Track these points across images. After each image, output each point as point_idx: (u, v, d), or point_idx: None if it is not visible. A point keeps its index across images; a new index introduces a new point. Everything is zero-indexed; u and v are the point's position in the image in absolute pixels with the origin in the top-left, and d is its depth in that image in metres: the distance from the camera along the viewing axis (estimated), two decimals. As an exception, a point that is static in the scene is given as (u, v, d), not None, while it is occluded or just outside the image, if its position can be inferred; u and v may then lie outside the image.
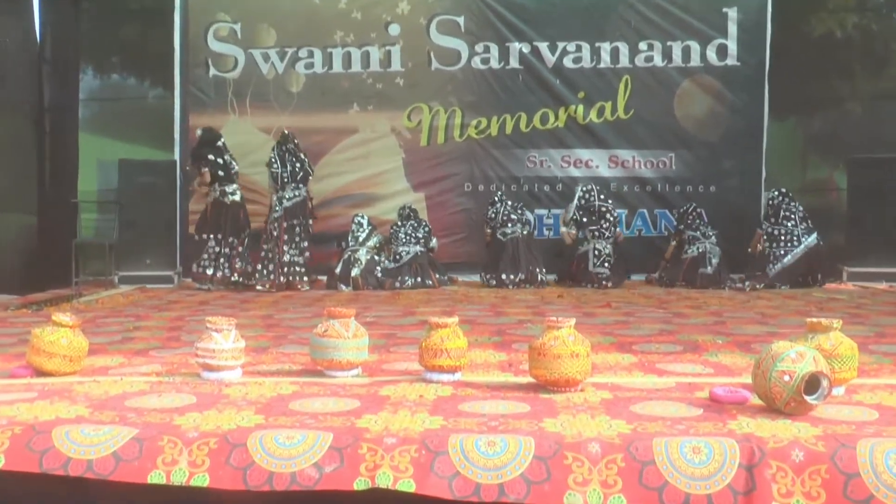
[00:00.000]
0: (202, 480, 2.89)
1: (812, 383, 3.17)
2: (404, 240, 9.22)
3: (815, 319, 3.75)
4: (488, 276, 9.22)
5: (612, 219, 9.39)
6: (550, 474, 2.81)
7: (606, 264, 9.12)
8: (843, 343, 3.62)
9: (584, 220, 9.38)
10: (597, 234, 9.25)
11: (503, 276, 9.04)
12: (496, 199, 9.66)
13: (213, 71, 10.73)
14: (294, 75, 10.70)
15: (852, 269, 9.45)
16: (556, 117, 10.46)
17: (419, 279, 9.04)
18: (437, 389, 3.71)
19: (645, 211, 10.40)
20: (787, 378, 3.16)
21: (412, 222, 9.49)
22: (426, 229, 9.50)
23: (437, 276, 9.26)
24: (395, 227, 9.45)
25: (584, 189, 9.53)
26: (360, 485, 2.82)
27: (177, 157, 10.43)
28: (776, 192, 9.12)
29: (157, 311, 7.29)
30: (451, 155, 10.40)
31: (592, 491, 2.78)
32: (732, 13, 10.34)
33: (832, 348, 3.56)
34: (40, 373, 4.16)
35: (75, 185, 10.71)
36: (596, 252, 9.15)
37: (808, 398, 3.16)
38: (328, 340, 4.04)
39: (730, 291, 8.58)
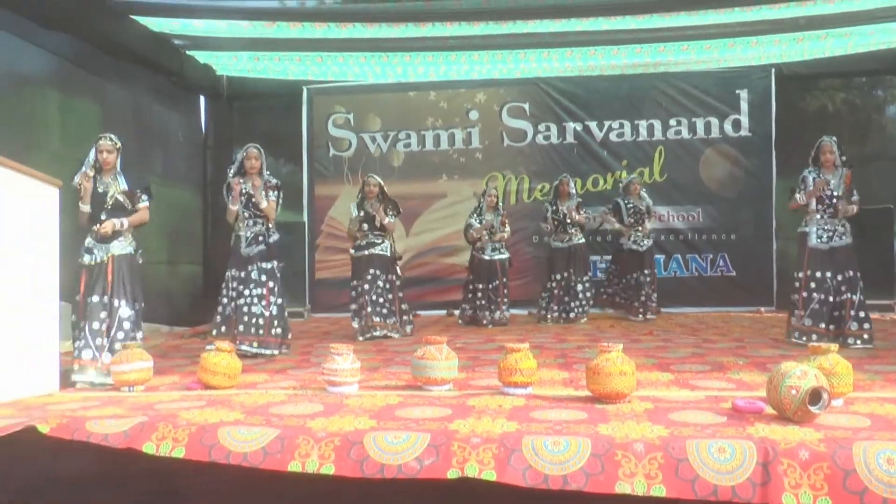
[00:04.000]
0: (329, 469, 2.97)
1: (815, 396, 3.14)
2: None
3: (816, 344, 3.71)
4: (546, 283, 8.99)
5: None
6: (604, 468, 2.83)
7: None
8: (839, 363, 3.58)
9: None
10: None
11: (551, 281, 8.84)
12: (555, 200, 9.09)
13: (332, 151, 10.98)
14: (395, 153, 10.89)
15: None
16: (605, 181, 10.44)
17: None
18: (513, 401, 3.74)
19: (679, 255, 10.28)
20: (794, 392, 3.14)
21: None
22: None
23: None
24: None
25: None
26: (452, 474, 2.87)
27: (305, 218, 10.67)
28: None
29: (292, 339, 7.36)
30: (521, 213, 10.42)
31: (638, 482, 2.79)
32: (744, 94, 10.28)
33: (830, 367, 3.52)
34: (207, 386, 4.33)
35: (229, 241, 10.98)
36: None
37: (811, 408, 3.12)
38: (426, 362, 4.11)
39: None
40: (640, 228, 8.94)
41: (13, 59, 7.07)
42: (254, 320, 6.02)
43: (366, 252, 7.42)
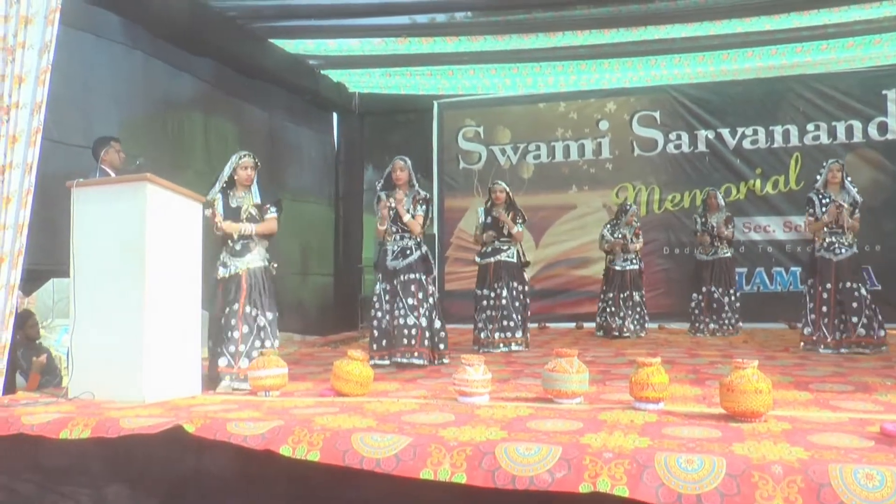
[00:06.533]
0: (461, 478, 2.99)
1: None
2: None
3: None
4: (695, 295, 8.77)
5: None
6: (740, 489, 2.72)
7: None
8: None
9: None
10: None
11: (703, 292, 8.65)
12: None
13: (462, 164, 11.13)
14: (525, 165, 10.91)
15: None
16: (738, 190, 10.08)
17: None
18: (645, 416, 3.68)
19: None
20: (954, 415, 2.92)
21: None
22: None
23: None
24: None
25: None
26: (584, 488, 2.83)
27: (435, 231, 10.82)
28: None
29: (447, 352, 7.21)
30: (652, 224, 10.20)
31: (777, 505, 2.68)
32: (891, 94, 9.63)
33: None
34: (340, 394, 4.47)
35: (360, 254, 11.34)
36: None
37: (975, 433, 2.90)
38: (556, 374, 4.09)
39: None
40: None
41: (165, 85, 7.60)
42: (405, 331, 6.02)
43: (492, 259, 7.33)
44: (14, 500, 3.89)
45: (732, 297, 8.65)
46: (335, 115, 11.39)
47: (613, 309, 8.55)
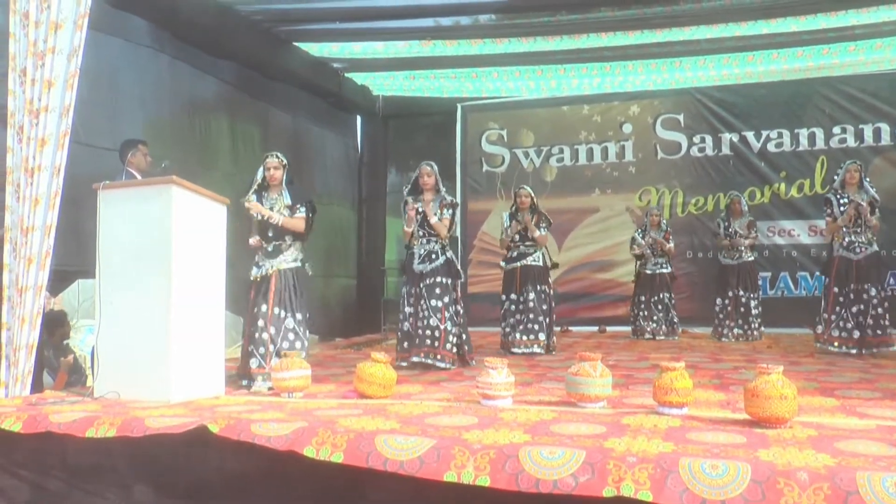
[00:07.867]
0: (484, 481, 2.98)
1: None
2: None
3: None
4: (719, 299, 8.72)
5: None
6: (765, 495, 2.68)
7: None
8: None
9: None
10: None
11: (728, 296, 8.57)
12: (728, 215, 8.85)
13: (485, 167, 11.14)
14: (548, 168, 10.89)
15: None
16: (762, 194, 10.00)
17: None
18: (668, 421, 3.64)
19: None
20: None
21: None
22: None
23: None
24: None
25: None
26: (608, 493, 2.81)
27: (459, 234, 10.79)
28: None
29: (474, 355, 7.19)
30: (675, 228, 10.10)
31: (803, 513, 2.64)
32: (923, 95, 9.47)
33: None
34: (363, 396, 4.48)
35: (383, 256, 11.37)
36: None
37: None
38: (580, 378, 4.07)
39: None
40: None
41: (190, 88, 7.67)
42: (428, 332, 6.10)
43: (517, 264, 7.40)
44: (43, 497, 3.95)
45: (756, 302, 8.59)
46: (359, 118, 11.46)
47: (646, 313, 8.72)
